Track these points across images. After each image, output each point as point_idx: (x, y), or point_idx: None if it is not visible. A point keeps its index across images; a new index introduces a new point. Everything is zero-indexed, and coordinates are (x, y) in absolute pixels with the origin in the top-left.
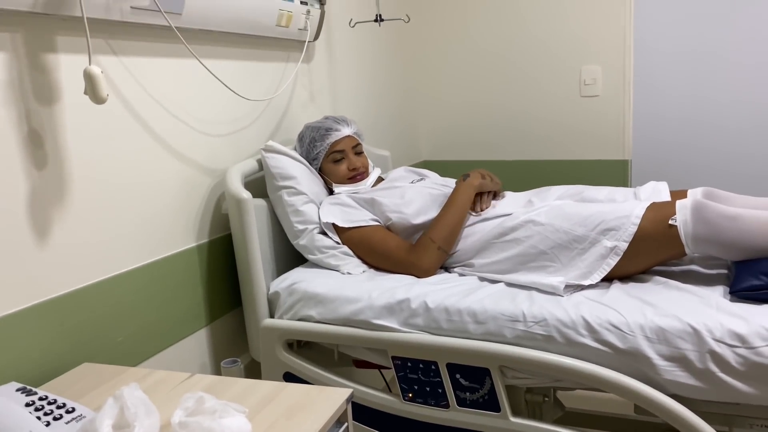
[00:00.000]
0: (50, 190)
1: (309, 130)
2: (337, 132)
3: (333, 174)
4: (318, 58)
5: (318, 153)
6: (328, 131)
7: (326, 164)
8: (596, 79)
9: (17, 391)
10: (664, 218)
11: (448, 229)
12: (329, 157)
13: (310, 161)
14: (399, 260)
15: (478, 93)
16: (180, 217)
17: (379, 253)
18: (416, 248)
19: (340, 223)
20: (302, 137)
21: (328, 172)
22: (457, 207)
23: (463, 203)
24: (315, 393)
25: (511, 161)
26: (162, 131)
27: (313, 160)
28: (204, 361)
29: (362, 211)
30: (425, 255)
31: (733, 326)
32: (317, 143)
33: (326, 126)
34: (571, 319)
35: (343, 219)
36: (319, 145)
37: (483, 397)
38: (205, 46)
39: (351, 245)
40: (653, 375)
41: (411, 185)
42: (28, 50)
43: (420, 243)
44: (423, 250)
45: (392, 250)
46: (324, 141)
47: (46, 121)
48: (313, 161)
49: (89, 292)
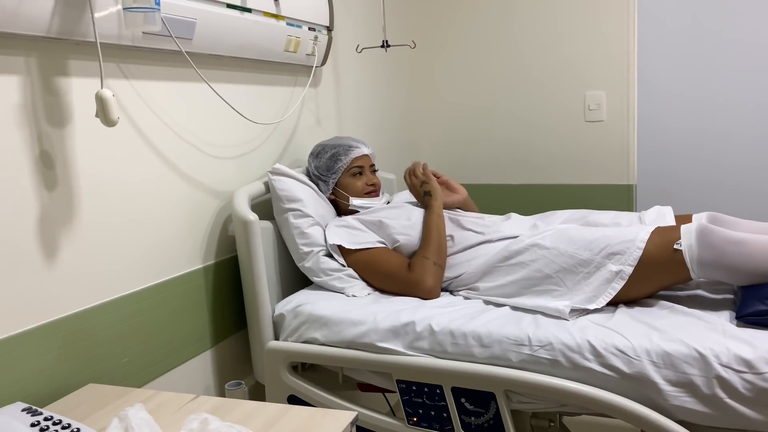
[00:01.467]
0: (59, 211)
1: (330, 146)
2: (359, 149)
3: (351, 187)
4: (325, 82)
5: (339, 166)
6: (351, 147)
7: (345, 178)
8: (600, 104)
9: (23, 411)
10: (669, 242)
11: (436, 244)
12: (349, 171)
13: (329, 175)
14: (402, 279)
15: (483, 117)
16: (187, 238)
17: (383, 274)
18: (414, 267)
19: (346, 245)
20: (320, 152)
21: (346, 186)
22: (437, 225)
23: (439, 219)
24: (319, 416)
25: (515, 185)
26: (170, 154)
27: (332, 174)
28: (208, 383)
29: (369, 233)
30: (425, 272)
31: (740, 351)
32: (340, 156)
33: (348, 143)
34: (577, 343)
35: (349, 241)
36: (343, 158)
37: (488, 422)
38: (214, 70)
39: (356, 267)
40: (659, 400)
41: (417, 207)
42: (41, 73)
43: (416, 263)
44: (421, 268)
45: (395, 270)
46: (348, 155)
47: (57, 142)
48: (331, 175)
49: (95, 313)
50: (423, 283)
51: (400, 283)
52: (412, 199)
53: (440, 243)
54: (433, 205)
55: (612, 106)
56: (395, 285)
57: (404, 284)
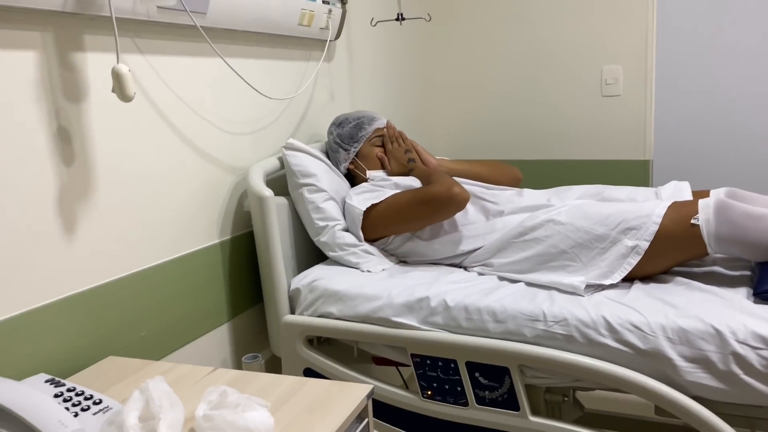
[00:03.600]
0: (78, 186)
1: (353, 116)
2: (381, 121)
3: (370, 157)
4: (339, 57)
5: (363, 135)
6: (374, 118)
7: (367, 147)
8: (617, 78)
9: (46, 383)
10: (686, 217)
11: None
12: (371, 140)
13: (350, 143)
14: (425, 197)
15: (498, 92)
16: (202, 214)
17: (408, 205)
18: (431, 181)
19: (375, 200)
20: (343, 121)
21: (366, 155)
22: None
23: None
24: (336, 389)
25: (531, 161)
26: (186, 129)
27: (354, 142)
28: (225, 357)
29: (387, 190)
30: (442, 180)
31: (757, 328)
32: (364, 125)
33: (371, 114)
34: (592, 319)
35: (374, 198)
36: (367, 127)
37: (502, 396)
38: (228, 45)
39: (378, 219)
40: (674, 376)
41: None
42: (57, 49)
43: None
44: (437, 178)
45: (414, 194)
46: (372, 124)
47: (74, 118)
48: (353, 143)
49: (114, 287)
50: (449, 189)
51: (428, 202)
52: None
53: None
54: (416, 167)
55: (629, 80)
56: (424, 208)
57: (432, 198)
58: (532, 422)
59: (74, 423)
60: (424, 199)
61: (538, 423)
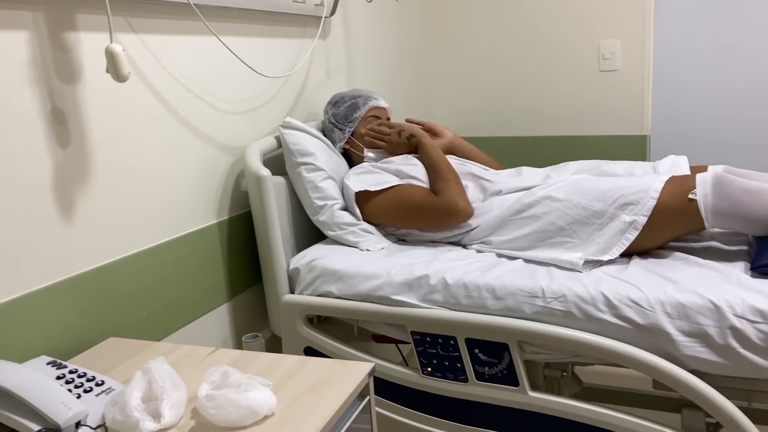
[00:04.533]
0: (74, 168)
1: (349, 96)
2: (377, 101)
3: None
4: (334, 34)
5: (358, 115)
6: (370, 98)
7: (363, 127)
8: (615, 53)
9: (48, 365)
10: (684, 192)
11: (447, 168)
12: (366, 121)
13: (345, 123)
14: (432, 207)
15: (496, 69)
16: (200, 194)
17: (411, 208)
18: (440, 192)
19: (371, 188)
20: (339, 101)
21: (362, 136)
22: (438, 154)
23: (436, 150)
24: (338, 367)
25: (528, 137)
26: (181, 109)
27: (349, 122)
28: (225, 336)
29: (387, 175)
30: (451, 192)
31: (755, 302)
32: (360, 106)
33: (367, 93)
34: (591, 295)
35: (372, 183)
36: (361, 107)
37: (501, 372)
38: (222, 23)
39: (377, 211)
40: (673, 351)
41: None
42: (49, 29)
43: (439, 188)
44: (447, 190)
45: (422, 200)
46: (366, 105)
47: (68, 99)
48: (348, 123)
49: (113, 269)
50: (455, 205)
51: (430, 212)
52: None
53: (448, 166)
54: (422, 142)
55: (627, 55)
56: (426, 216)
57: (436, 211)
58: (532, 397)
59: (77, 404)
60: (427, 208)
61: (538, 398)
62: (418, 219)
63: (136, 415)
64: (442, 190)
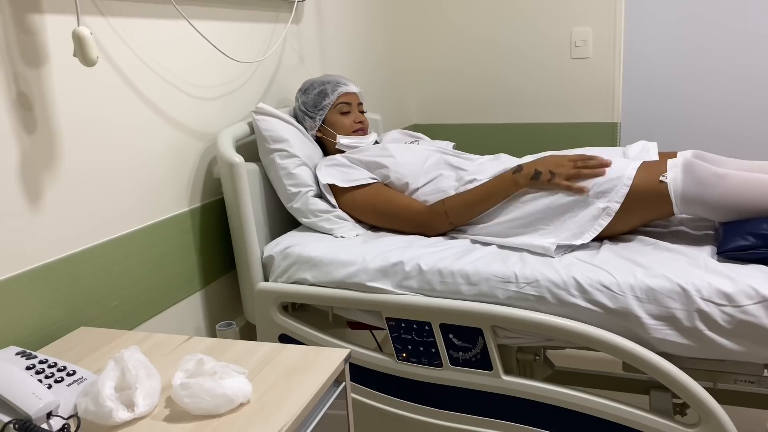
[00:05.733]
0: (41, 155)
1: (318, 82)
2: (346, 86)
3: (338, 125)
4: (307, 18)
5: (327, 103)
6: (339, 84)
7: (332, 115)
8: (586, 40)
9: (17, 355)
10: (655, 176)
11: (465, 205)
12: (336, 108)
13: (315, 111)
14: (409, 219)
15: (468, 56)
16: (171, 181)
17: (387, 212)
18: (429, 212)
19: (339, 183)
20: (308, 88)
21: (333, 123)
22: (483, 190)
23: (490, 189)
24: (313, 354)
25: (501, 124)
26: (152, 94)
27: (318, 110)
28: (199, 325)
29: (360, 170)
30: (436, 222)
31: (721, 285)
32: (328, 93)
33: (336, 79)
34: (563, 279)
35: (342, 179)
36: (330, 94)
37: (475, 356)
38: (193, 6)
39: (353, 206)
40: (642, 334)
41: (406, 146)
42: (13, 10)
43: (434, 209)
44: (435, 217)
45: (403, 209)
46: (335, 92)
47: (34, 84)
48: (318, 111)
49: (83, 257)
50: (427, 231)
51: (404, 222)
52: (402, 138)
53: (469, 205)
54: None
55: (598, 42)
56: (399, 223)
57: (409, 224)
58: (505, 381)
59: (48, 395)
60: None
61: (511, 381)
62: (390, 221)
63: (109, 404)
64: (432, 212)
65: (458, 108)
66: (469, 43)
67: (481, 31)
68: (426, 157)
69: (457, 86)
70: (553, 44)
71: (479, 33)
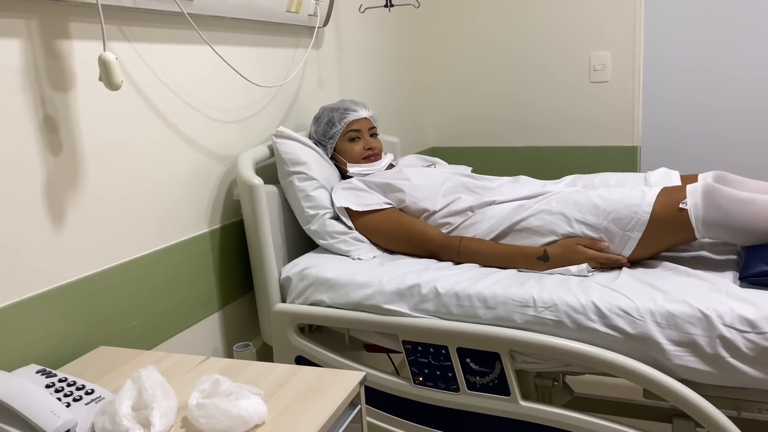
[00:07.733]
0: (65, 176)
1: (327, 110)
2: (355, 112)
3: (348, 153)
4: (327, 44)
5: (335, 132)
6: (347, 111)
7: (342, 143)
8: (605, 64)
9: (37, 373)
10: (675, 202)
11: (480, 255)
12: (345, 136)
13: (326, 140)
14: (421, 246)
15: (487, 79)
16: (192, 203)
17: (400, 237)
18: (441, 245)
19: (354, 207)
20: (319, 117)
21: (343, 151)
22: (504, 254)
23: (511, 256)
24: (329, 376)
25: (519, 147)
26: (174, 117)
27: (329, 139)
28: (216, 345)
29: (374, 195)
30: (445, 254)
31: (743, 311)
32: (336, 122)
33: (344, 106)
34: (582, 304)
35: (356, 203)
36: (337, 123)
37: (493, 381)
38: (216, 32)
39: (366, 230)
40: (663, 360)
41: (423, 169)
42: (42, 37)
43: (447, 243)
44: (446, 251)
45: (415, 235)
46: (343, 119)
47: (60, 107)
48: (329, 140)
49: (104, 277)
50: (438, 258)
51: (418, 247)
52: (418, 162)
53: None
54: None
55: (617, 66)
56: (412, 247)
57: (423, 248)
58: (523, 407)
59: (66, 413)
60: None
61: (529, 407)
62: (403, 246)
63: (125, 423)
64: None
65: (476, 131)
66: (487, 67)
67: (500, 55)
68: (444, 180)
69: (475, 109)
70: (573, 68)
71: (498, 57)
